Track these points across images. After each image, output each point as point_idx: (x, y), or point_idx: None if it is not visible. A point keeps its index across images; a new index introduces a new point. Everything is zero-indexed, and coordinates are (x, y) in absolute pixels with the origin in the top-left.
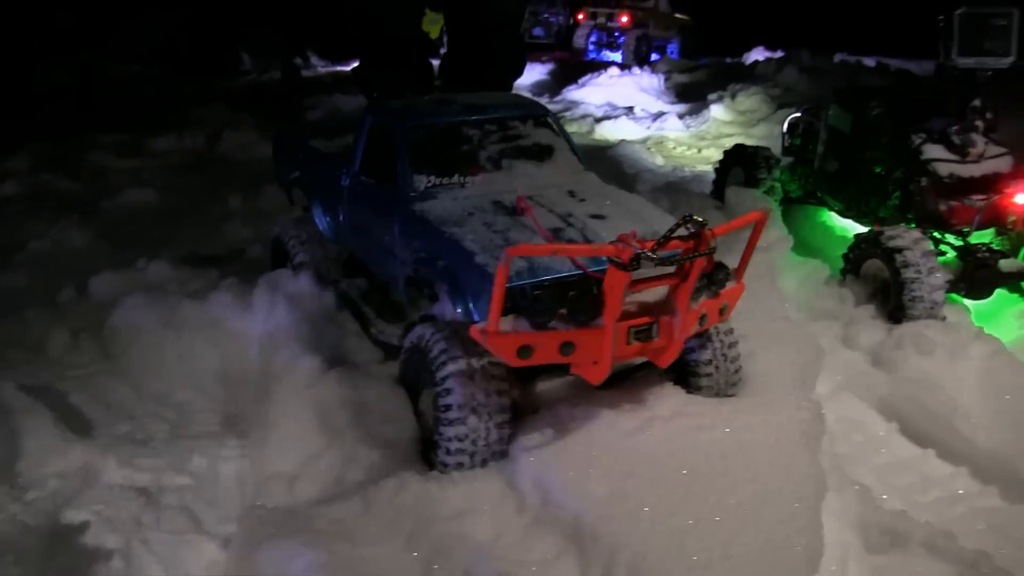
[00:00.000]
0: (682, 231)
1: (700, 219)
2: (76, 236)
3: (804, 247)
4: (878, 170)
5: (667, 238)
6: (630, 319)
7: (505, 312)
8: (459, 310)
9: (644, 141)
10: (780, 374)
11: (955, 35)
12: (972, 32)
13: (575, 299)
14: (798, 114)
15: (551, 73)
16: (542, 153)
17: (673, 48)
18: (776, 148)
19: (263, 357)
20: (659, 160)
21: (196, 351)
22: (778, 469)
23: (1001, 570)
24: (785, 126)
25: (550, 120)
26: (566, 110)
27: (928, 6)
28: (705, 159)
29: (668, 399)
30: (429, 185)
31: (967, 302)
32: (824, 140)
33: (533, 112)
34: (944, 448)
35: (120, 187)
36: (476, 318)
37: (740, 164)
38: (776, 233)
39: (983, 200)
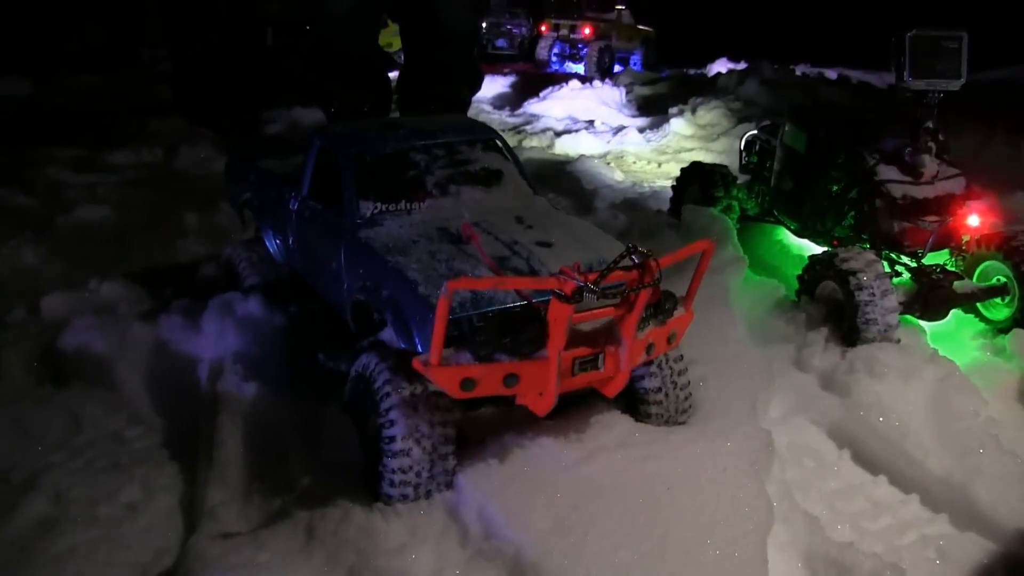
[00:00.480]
0: (626, 262)
1: (644, 250)
2: (29, 254)
3: (761, 265)
4: (833, 189)
5: (609, 270)
6: (575, 349)
7: (450, 342)
8: (402, 342)
9: (604, 156)
10: (731, 400)
11: (907, 57)
12: (923, 54)
13: (518, 331)
14: (754, 131)
15: (513, 86)
16: (491, 178)
17: (636, 60)
18: (735, 164)
19: (211, 381)
20: (618, 175)
21: (142, 376)
22: (725, 500)
23: None
24: (742, 143)
25: (499, 144)
26: (526, 123)
27: (890, 19)
28: (665, 174)
29: (615, 428)
30: (375, 211)
31: (923, 324)
32: (780, 159)
33: (482, 136)
34: (895, 474)
35: (76, 203)
36: (420, 349)
37: (697, 182)
38: (731, 253)
39: (936, 222)
